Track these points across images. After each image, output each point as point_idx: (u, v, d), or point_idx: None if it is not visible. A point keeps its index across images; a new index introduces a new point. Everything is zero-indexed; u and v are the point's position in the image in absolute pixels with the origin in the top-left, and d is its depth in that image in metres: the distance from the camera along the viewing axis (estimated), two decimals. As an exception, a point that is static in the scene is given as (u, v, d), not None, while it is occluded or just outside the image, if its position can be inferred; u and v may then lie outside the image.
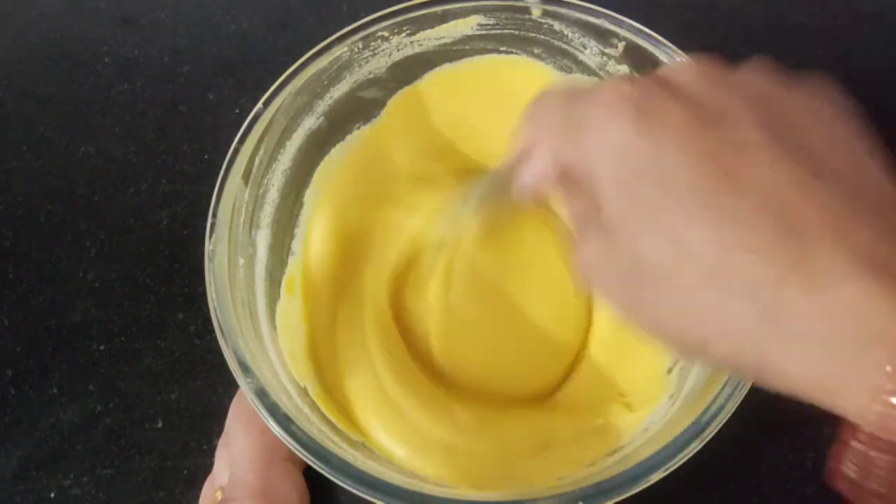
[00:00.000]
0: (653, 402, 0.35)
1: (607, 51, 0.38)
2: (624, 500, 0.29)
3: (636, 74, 0.37)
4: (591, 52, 0.39)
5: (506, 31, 0.39)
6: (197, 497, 0.37)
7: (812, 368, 0.21)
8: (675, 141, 0.22)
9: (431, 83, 0.41)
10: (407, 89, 0.41)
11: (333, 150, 0.40)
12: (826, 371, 0.20)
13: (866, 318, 0.19)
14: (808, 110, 0.24)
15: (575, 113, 0.25)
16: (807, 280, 0.20)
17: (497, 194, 0.33)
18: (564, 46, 0.39)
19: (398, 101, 0.41)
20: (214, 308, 0.32)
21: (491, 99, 0.42)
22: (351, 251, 0.40)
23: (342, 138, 0.41)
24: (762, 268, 0.21)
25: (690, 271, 0.22)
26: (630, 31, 0.37)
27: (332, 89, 0.39)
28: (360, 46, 0.38)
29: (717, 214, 0.21)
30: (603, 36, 0.38)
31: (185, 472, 0.39)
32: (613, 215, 0.24)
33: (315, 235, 0.39)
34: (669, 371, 0.36)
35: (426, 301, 0.39)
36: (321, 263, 0.39)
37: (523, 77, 0.41)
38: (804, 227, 0.20)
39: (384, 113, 0.41)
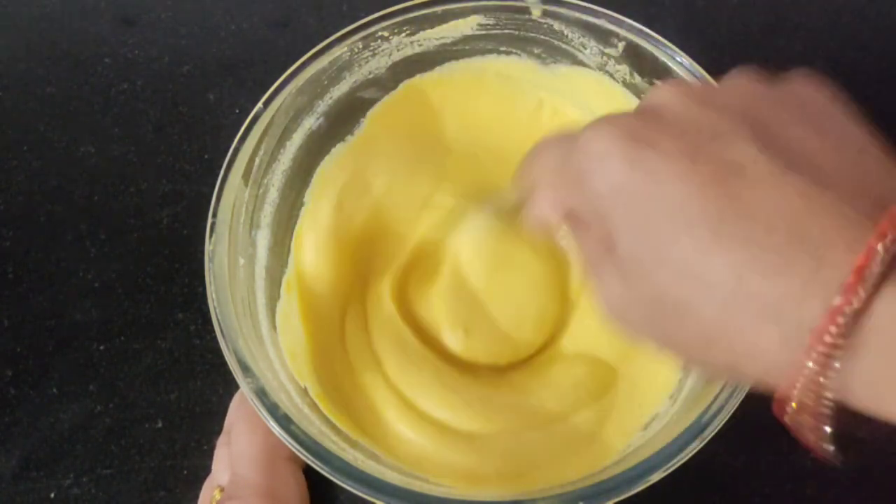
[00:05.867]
0: None
1: (607, 51, 0.38)
2: (624, 500, 0.29)
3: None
4: (591, 52, 0.39)
5: (506, 31, 0.39)
6: (197, 497, 0.37)
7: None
8: (673, 170, 0.22)
9: (431, 83, 0.41)
10: (406, 88, 0.41)
11: (333, 150, 0.40)
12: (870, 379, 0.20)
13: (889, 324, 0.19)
14: (799, 108, 0.23)
15: (571, 159, 0.25)
16: (824, 291, 0.20)
17: (504, 219, 0.34)
18: (564, 46, 0.39)
19: (397, 100, 0.41)
20: (214, 308, 0.32)
21: (491, 98, 0.42)
22: (350, 257, 0.40)
23: (342, 138, 0.41)
24: (780, 287, 0.20)
25: (711, 301, 0.21)
26: (630, 31, 0.37)
27: (332, 89, 0.39)
28: (360, 46, 0.38)
29: (728, 241, 0.21)
30: (603, 36, 0.38)
31: (185, 472, 0.39)
32: (627, 254, 0.23)
33: (309, 242, 0.40)
34: None
35: (433, 294, 0.39)
36: (318, 272, 0.39)
37: (523, 76, 0.41)
38: (816, 238, 0.20)
39: (383, 112, 0.41)
